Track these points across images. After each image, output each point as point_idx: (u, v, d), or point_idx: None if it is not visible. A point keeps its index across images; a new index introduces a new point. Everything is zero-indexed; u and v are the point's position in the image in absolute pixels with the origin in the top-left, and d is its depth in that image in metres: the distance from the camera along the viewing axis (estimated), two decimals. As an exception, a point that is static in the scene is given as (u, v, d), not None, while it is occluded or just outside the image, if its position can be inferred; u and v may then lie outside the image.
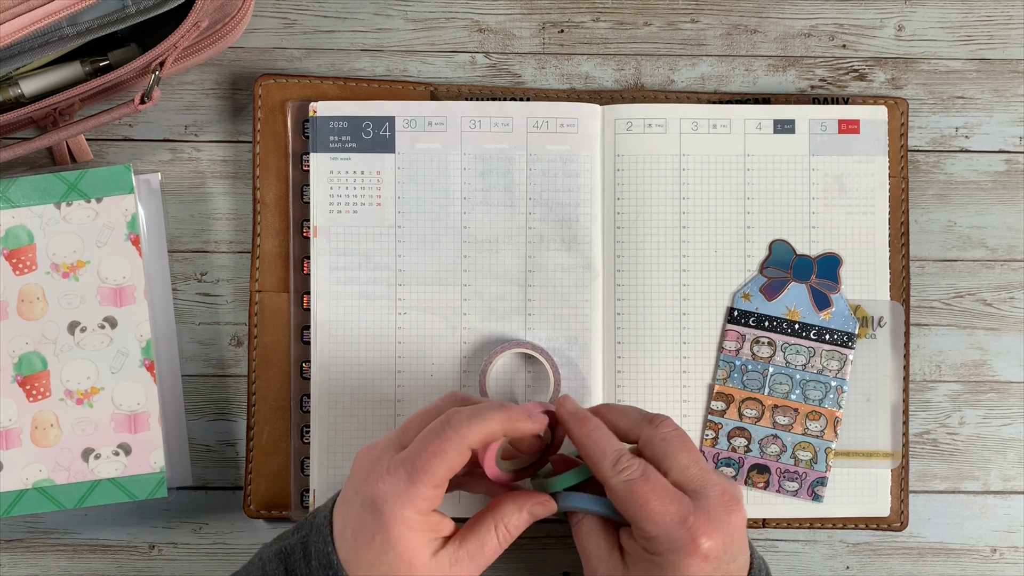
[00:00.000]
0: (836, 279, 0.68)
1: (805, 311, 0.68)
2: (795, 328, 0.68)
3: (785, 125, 0.69)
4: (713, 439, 0.68)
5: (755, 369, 0.68)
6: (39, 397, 0.67)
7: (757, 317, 0.68)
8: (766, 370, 0.68)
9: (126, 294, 0.68)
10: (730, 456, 0.68)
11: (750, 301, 0.68)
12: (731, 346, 0.68)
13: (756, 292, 0.68)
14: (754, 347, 0.68)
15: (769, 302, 0.68)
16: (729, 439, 0.68)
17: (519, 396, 0.68)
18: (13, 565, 0.69)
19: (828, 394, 0.67)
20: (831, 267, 0.68)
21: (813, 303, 0.68)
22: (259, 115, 0.69)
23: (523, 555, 0.70)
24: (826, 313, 0.68)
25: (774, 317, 0.68)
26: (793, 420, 0.68)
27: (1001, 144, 0.72)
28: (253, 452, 0.68)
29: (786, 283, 0.68)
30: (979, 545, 0.71)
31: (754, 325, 0.68)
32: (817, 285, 0.68)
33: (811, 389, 0.68)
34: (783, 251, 0.68)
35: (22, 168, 0.70)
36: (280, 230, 0.69)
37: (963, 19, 0.72)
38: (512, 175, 0.69)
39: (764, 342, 0.68)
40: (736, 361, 0.68)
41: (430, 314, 0.68)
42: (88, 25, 0.62)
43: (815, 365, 0.68)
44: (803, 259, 0.68)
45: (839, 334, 0.68)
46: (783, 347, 0.68)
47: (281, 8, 0.71)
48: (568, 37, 0.71)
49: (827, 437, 0.67)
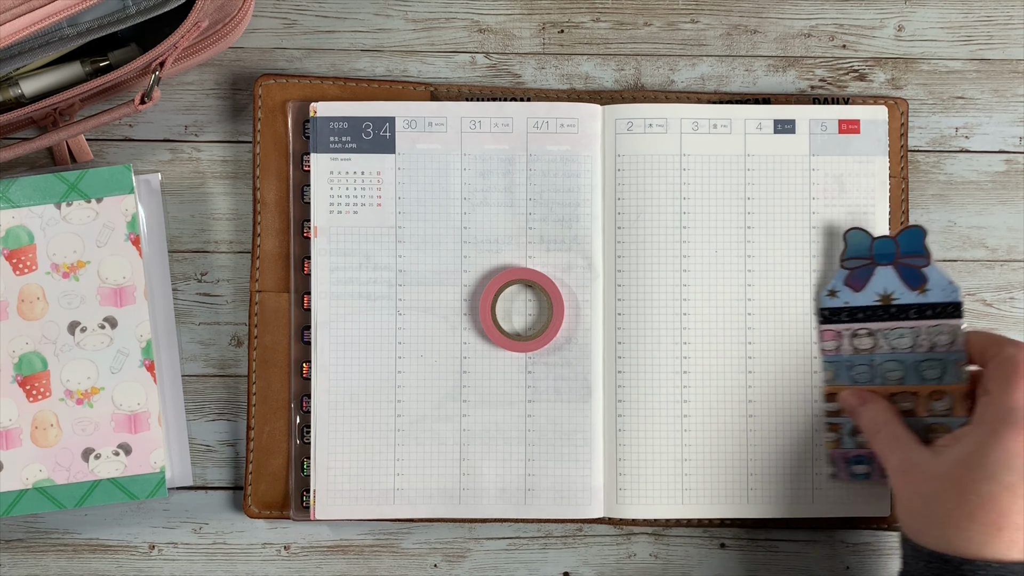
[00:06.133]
0: (923, 251, 0.66)
1: (899, 292, 0.66)
2: (891, 312, 0.66)
3: (785, 125, 0.69)
4: (836, 440, 0.67)
5: (861, 363, 0.67)
6: (39, 397, 0.67)
7: (849, 311, 0.67)
8: (872, 361, 0.67)
9: (126, 294, 0.68)
10: (860, 454, 0.67)
11: (837, 297, 0.67)
12: (830, 346, 0.67)
13: (841, 286, 0.67)
14: (854, 341, 0.67)
15: (858, 292, 0.67)
16: (853, 436, 0.67)
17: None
18: (13, 565, 0.69)
19: (947, 370, 0.66)
20: (915, 240, 0.66)
21: (905, 282, 0.66)
22: (259, 115, 0.69)
23: (523, 555, 0.70)
24: (921, 289, 0.66)
25: (867, 307, 0.67)
26: (915, 404, 0.66)
27: (1001, 144, 0.72)
28: (253, 452, 0.68)
29: (871, 270, 0.67)
30: (979, 545, 0.70)
31: (848, 319, 0.67)
32: (904, 263, 0.66)
33: (926, 369, 0.66)
34: (859, 238, 0.67)
35: (22, 168, 0.70)
36: (280, 230, 0.69)
37: (963, 19, 0.72)
38: (512, 175, 0.69)
39: (863, 334, 0.67)
40: (839, 359, 0.67)
41: (430, 314, 0.68)
42: (88, 25, 0.62)
43: (923, 344, 0.66)
44: (883, 240, 0.67)
45: (941, 306, 0.66)
46: (884, 334, 0.66)
47: (281, 8, 0.71)
48: (568, 37, 0.71)
49: (957, 414, 0.65)
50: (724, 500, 0.68)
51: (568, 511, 0.68)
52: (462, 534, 0.70)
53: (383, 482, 0.68)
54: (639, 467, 0.68)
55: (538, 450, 0.68)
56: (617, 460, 0.68)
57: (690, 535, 0.70)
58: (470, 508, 0.68)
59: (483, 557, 0.70)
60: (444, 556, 0.70)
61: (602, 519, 0.69)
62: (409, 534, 0.70)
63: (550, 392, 0.68)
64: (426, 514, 0.68)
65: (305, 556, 0.70)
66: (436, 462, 0.68)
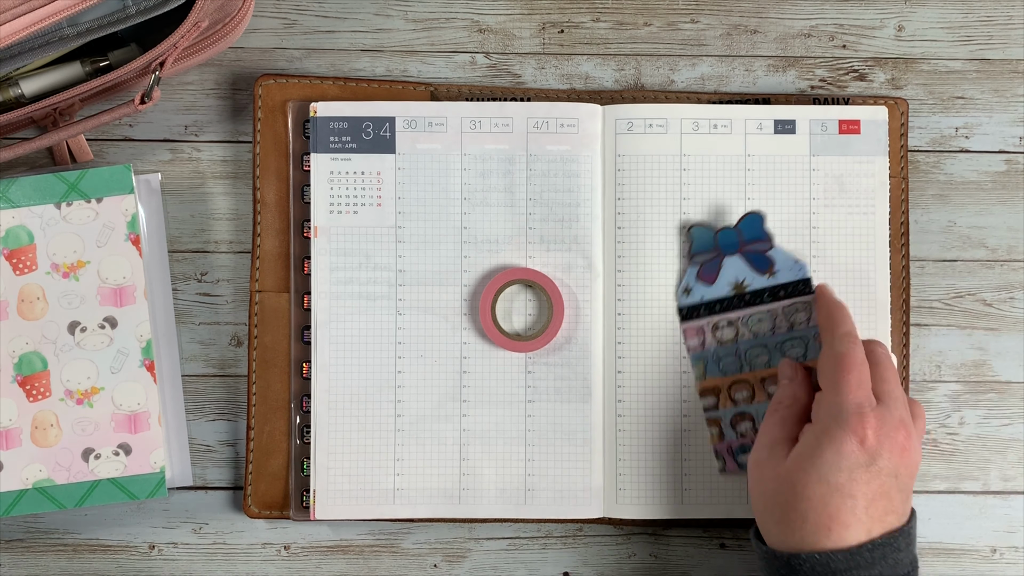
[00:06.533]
0: (765, 235, 0.68)
1: (750, 279, 0.68)
2: (746, 299, 0.67)
3: (785, 125, 0.69)
4: (719, 435, 0.68)
5: (727, 353, 0.68)
6: (39, 397, 0.67)
7: (707, 305, 0.68)
8: (738, 350, 0.68)
9: (126, 294, 0.68)
10: (743, 443, 0.67)
11: (692, 294, 0.68)
12: (695, 342, 0.68)
13: (694, 282, 0.68)
14: (716, 333, 0.68)
15: (711, 286, 0.68)
16: (734, 427, 0.68)
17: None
18: (13, 565, 0.69)
19: (809, 345, 0.67)
20: (756, 226, 0.68)
21: (753, 268, 0.68)
22: (259, 115, 0.69)
23: (523, 555, 0.70)
24: (769, 272, 0.68)
25: (722, 298, 0.68)
26: None
27: (1001, 144, 0.72)
28: (253, 452, 0.68)
29: (719, 261, 0.68)
30: (979, 545, 0.71)
31: (707, 313, 0.68)
32: (750, 249, 0.68)
33: (790, 349, 0.67)
34: (702, 233, 0.68)
35: (22, 168, 0.70)
36: (280, 230, 0.69)
37: (963, 19, 0.72)
38: (512, 175, 0.69)
39: (724, 325, 0.68)
40: (706, 354, 0.68)
41: (430, 314, 0.68)
42: (88, 25, 0.62)
43: (782, 325, 0.67)
44: (725, 231, 0.68)
45: (791, 285, 0.67)
46: (744, 321, 0.67)
47: (281, 8, 0.71)
48: (568, 37, 0.71)
49: None
50: (724, 500, 0.68)
51: (568, 511, 0.68)
52: (462, 534, 0.70)
53: (383, 482, 0.68)
54: (639, 467, 0.68)
55: (538, 450, 0.68)
56: (617, 460, 0.68)
57: (689, 535, 0.70)
58: (470, 508, 0.68)
59: (483, 557, 0.70)
60: (444, 556, 0.70)
61: (602, 519, 0.69)
62: (409, 534, 0.70)
63: (550, 392, 0.68)
64: (426, 514, 0.68)
65: (305, 556, 0.70)
66: (436, 462, 0.68)
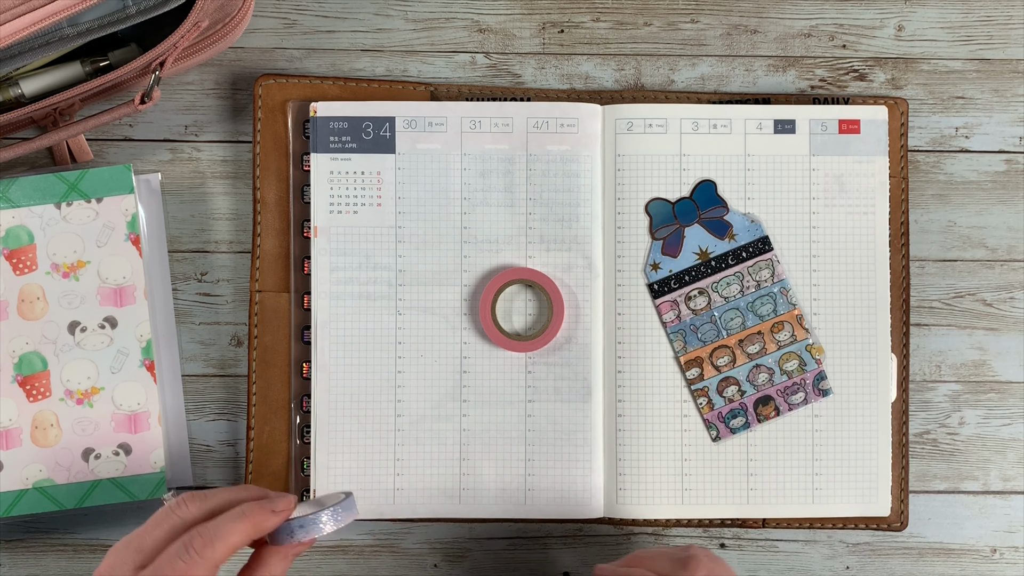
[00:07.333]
0: (720, 201, 0.68)
1: (712, 245, 0.68)
2: (712, 265, 0.68)
3: (785, 125, 0.69)
4: (708, 404, 0.68)
5: (704, 321, 0.68)
6: (39, 397, 0.67)
7: (676, 277, 0.68)
8: (712, 316, 0.68)
9: (126, 294, 0.68)
10: (733, 408, 0.68)
11: (660, 269, 0.68)
12: (670, 316, 0.68)
13: (660, 256, 0.68)
14: (689, 304, 0.68)
15: (676, 258, 0.68)
16: (720, 393, 0.68)
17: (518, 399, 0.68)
18: (13, 565, 0.69)
19: (777, 301, 0.68)
20: (709, 193, 0.68)
21: (713, 234, 0.68)
22: (259, 115, 0.69)
23: (523, 555, 0.70)
24: (729, 236, 0.68)
25: (689, 268, 0.68)
26: (763, 343, 0.68)
27: (1001, 144, 0.72)
28: (253, 452, 0.68)
29: (680, 233, 0.68)
30: (979, 545, 0.71)
31: (677, 286, 0.68)
32: (707, 216, 0.68)
33: (760, 307, 0.68)
34: (660, 207, 0.69)
35: (22, 168, 0.70)
36: (280, 230, 0.69)
37: (963, 19, 0.72)
38: (512, 175, 0.69)
39: (695, 294, 0.68)
40: (683, 326, 0.68)
41: (430, 314, 0.68)
42: (88, 25, 0.62)
43: (749, 285, 0.68)
44: (681, 202, 0.68)
45: (751, 245, 0.68)
46: (713, 287, 0.68)
47: (281, 8, 0.71)
48: (568, 37, 0.71)
49: (800, 337, 0.68)
50: (724, 500, 0.68)
51: (568, 511, 0.68)
52: (462, 534, 0.70)
53: (383, 482, 0.68)
54: (639, 467, 0.68)
55: (538, 450, 0.68)
56: (617, 460, 0.68)
57: (690, 535, 0.70)
58: (470, 508, 0.68)
59: (483, 557, 0.70)
60: (444, 556, 0.70)
61: (602, 519, 0.69)
62: (409, 534, 0.70)
63: (550, 392, 0.68)
64: (426, 514, 0.68)
65: (305, 556, 0.70)
66: (436, 462, 0.68)
